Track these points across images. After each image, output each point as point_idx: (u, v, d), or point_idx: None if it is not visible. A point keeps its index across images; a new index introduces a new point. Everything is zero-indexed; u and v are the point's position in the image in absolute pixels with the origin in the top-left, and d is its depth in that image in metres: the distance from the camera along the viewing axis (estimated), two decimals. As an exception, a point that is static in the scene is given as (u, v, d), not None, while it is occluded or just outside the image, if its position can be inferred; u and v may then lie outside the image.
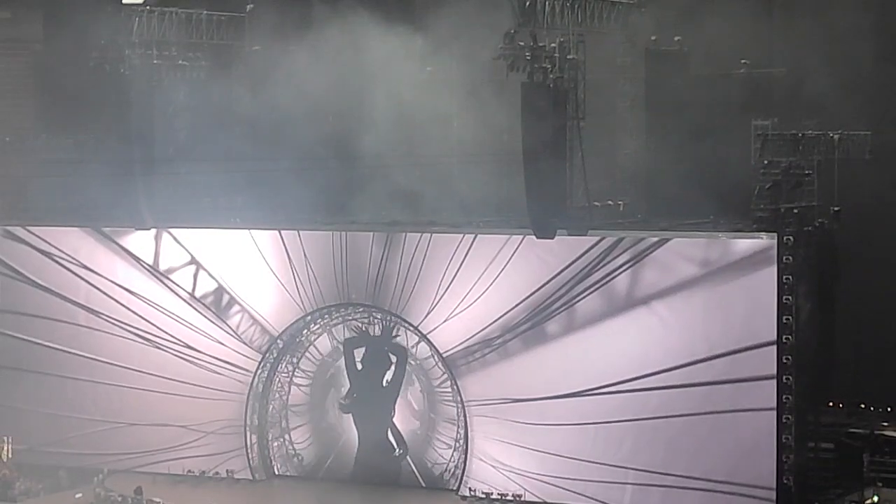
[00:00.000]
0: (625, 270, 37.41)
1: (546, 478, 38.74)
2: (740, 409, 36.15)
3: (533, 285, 38.48)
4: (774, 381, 35.76)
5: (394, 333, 41.12)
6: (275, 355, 42.52)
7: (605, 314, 37.65)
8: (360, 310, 41.46)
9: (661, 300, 37.05)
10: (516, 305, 38.70)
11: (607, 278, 37.58)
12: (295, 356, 42.85)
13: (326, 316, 41.95)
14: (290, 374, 42.91)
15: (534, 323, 38.55)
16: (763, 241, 36.04)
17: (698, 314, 36.65)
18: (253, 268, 42.26)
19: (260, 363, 42.32)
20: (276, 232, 41.77)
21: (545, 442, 38.69)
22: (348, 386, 41.96)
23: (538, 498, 38.87)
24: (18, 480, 41.85)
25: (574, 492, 38.25)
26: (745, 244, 36.29)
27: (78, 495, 41.03)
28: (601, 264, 37.64)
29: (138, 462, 43.11)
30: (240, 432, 42.45)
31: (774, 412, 35.74)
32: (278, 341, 42.31)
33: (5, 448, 42.75)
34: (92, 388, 43.87)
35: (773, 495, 35.90)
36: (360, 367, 41.77)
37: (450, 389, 40.47)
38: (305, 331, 42.42)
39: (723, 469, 36.42)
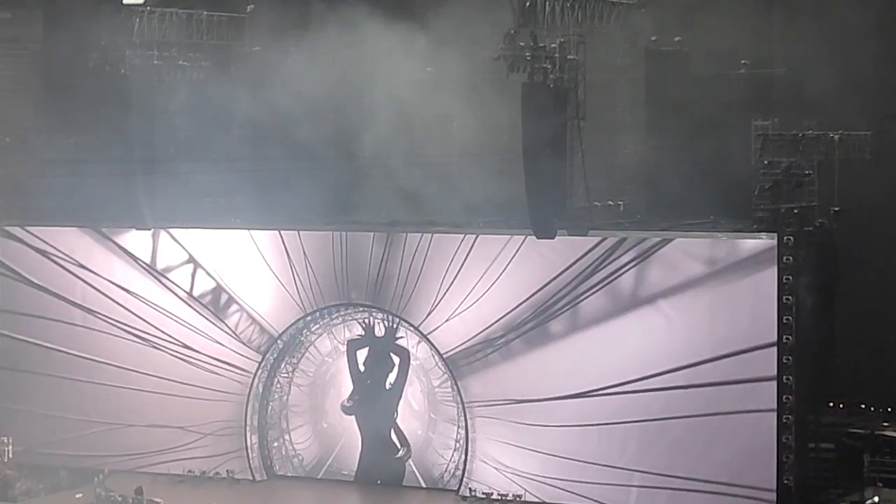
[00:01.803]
0: (629, 269, 37.40)
1: (549, 479, 38.72)
2: (744, 411, 36.13)
3: (536, 284, 38.46)
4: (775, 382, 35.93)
5: (396, 335, 41.19)
6: (275, 356, 42.47)
7: (610, 313, 37.62)
8: (361, 310, 41.43)
9: (664, 300, 37.03)
10: (519, 305, 38.68)
11: (611, 277, 37.55)
12: (295, 356, 42.79)
13: (327, 316, 41.90)
14: (291, 374, 42.87)
15: (537, 323, 38.51)
16: (763, 242, 36.08)
17: (701, 314, 36.65)
18: (252, 268, 42.26)
19: (260, 364, 42.27)
20: (276, 232, 41.78)
21: (548, 443, 38.68)
22: (351, 388, 41.91)
23: (539, 499, 38.85)
24: (19, 481, 41.80)
25: (578, 494, 38.21)
26: (745, 245, 36.34)
27: (78, 495, 41.00)
28: (605, 263, 37.60)
29: (139, 463, 43.03)
30: (240, 433, 42.40)
31: (775, 413, 35.90)
32: (278, 342, 42.26)
33: (6, 449, 42.71)
34: (90, 388, 43.80)
35: (774, 496, 35.98)
36: (362, 368, 41.76)
37: (450, 390, 40.47)
38: (305, 331, 42.36)
39: (727, 470, 36.45)
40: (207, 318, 42.83)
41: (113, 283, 43.55)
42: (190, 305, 43.02)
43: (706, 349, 36.47)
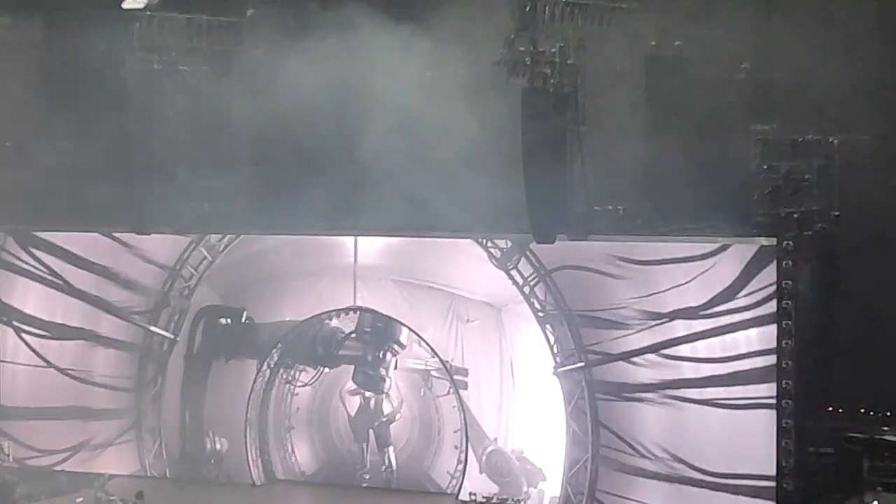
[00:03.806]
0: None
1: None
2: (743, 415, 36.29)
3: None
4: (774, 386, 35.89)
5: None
6: (275, 359, 42.45)
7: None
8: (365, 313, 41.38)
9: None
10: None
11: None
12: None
13: (327, 321, 41.93)
14: (291, 378, 42.83)
15: (537, 329, 38.76)
16: (763, 246, 36.05)
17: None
18: (252, 272, 42.30)
19: (260, 368, 42.28)
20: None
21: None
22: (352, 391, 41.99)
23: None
24: (19, 485, 41.81)
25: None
26: (745, 249, 36.27)
27: (79, 500, 40.94)
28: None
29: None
30: (240, 437, 42.41)
31: (775, 417, 35.85)
32: (279, 345, 42.23)
33: (6, 451, 42.74)
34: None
35: (774, 501, 35.97)
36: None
37: (448, 395, 40.47)
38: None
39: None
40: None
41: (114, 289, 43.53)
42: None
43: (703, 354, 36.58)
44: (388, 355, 41.09)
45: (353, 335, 41.38)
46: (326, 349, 41.66)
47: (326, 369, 41.97)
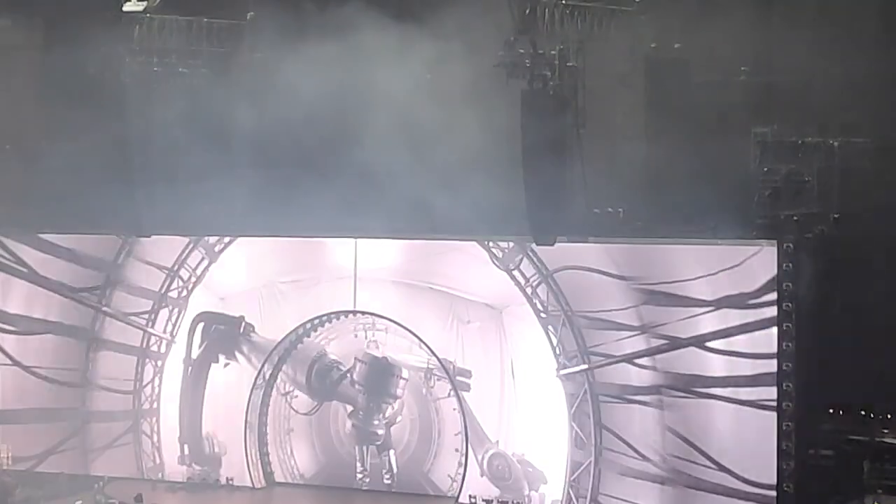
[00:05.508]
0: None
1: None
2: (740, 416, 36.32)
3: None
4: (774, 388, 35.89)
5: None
6: (275, 362, 42.43)
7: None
8: (366, 317, 41.41)
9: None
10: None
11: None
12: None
13: (327, 323, 41.92)
14: (288, 391, 42.77)
15: (539, 331, 38.72)
16: (763, 249, 36.08)
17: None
18: (252, 275, 42.29)
19: (259, 371, 42.26)
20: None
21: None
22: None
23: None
24: (18, 487, 41.77)
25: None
26: (745, 251, 36.30)
27: (78, 502, 40.98)
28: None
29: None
30: (239, 439, 42.37)
31: (775, 419, 35.83)
32: (279, 348, 42.23)
33: (4, 455, 42.69)
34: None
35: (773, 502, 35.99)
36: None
37: (449, 397, 40.46)
38: (306, 338, 42.32)
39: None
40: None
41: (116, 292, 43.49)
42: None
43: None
44: (384, 406, 41.19)
45: (348, 375, 41.46)
46: (322, 381, 41.69)
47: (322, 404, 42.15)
